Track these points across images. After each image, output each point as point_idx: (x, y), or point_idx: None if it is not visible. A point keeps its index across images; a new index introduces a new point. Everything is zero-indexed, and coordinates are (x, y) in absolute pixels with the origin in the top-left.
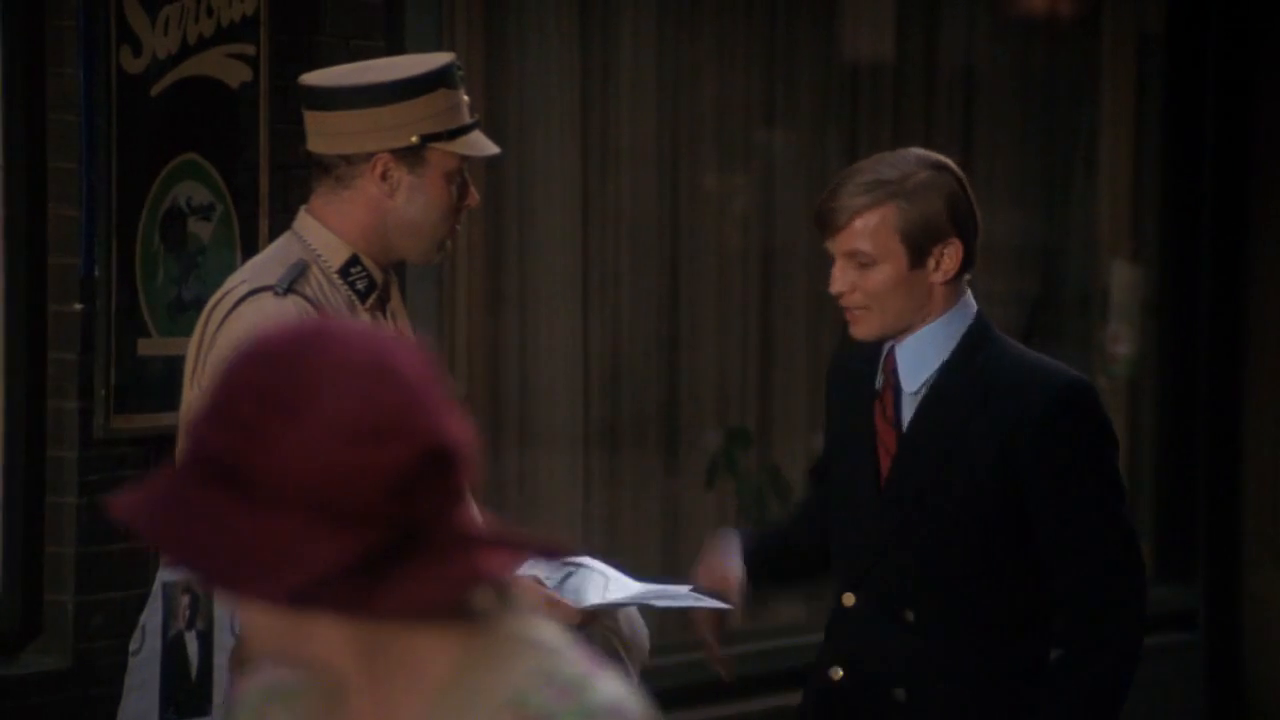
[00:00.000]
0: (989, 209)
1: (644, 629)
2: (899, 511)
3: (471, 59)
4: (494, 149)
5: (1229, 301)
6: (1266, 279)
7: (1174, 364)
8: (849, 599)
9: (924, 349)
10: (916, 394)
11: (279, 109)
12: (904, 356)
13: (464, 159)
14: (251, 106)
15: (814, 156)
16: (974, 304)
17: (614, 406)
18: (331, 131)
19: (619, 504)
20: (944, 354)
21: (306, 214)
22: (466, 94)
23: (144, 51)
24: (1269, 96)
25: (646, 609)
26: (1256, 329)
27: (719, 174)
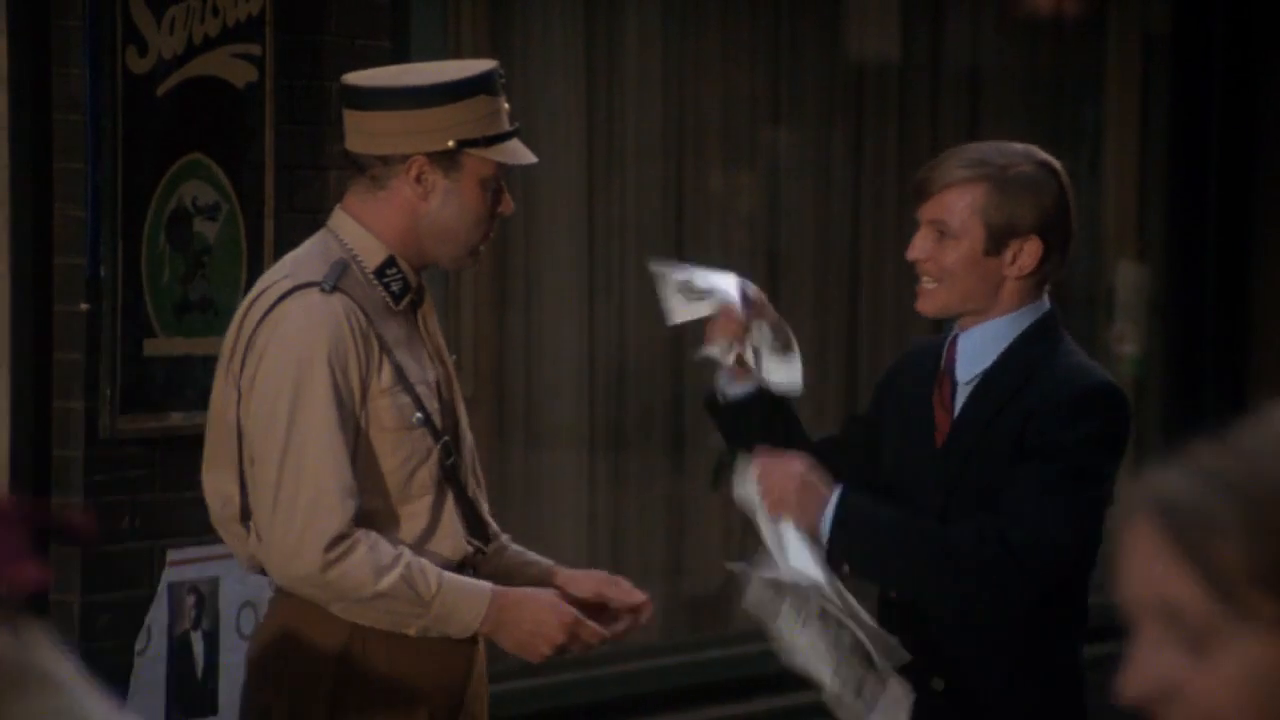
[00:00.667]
0: None
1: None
2: (939, 500)
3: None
4: (531, 158)
5: (1234, 300)
6: (1272, 278)
7: (1180, 363)
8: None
9: (985, 341)
10: (970, 384)
11: (285, 109)
12: (965, 346)
13: (500, 166)
14: (257, 106)
15: (819, 155)
16: (1048, 305)
17: (620, 406)
18: (369, 131)
19: (624, 504)
20: (1002, 347)
21: (342, 212)
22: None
23: (150, 52)
24: (1274, 95)
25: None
26: (1262, 328)
27: (724, 173)
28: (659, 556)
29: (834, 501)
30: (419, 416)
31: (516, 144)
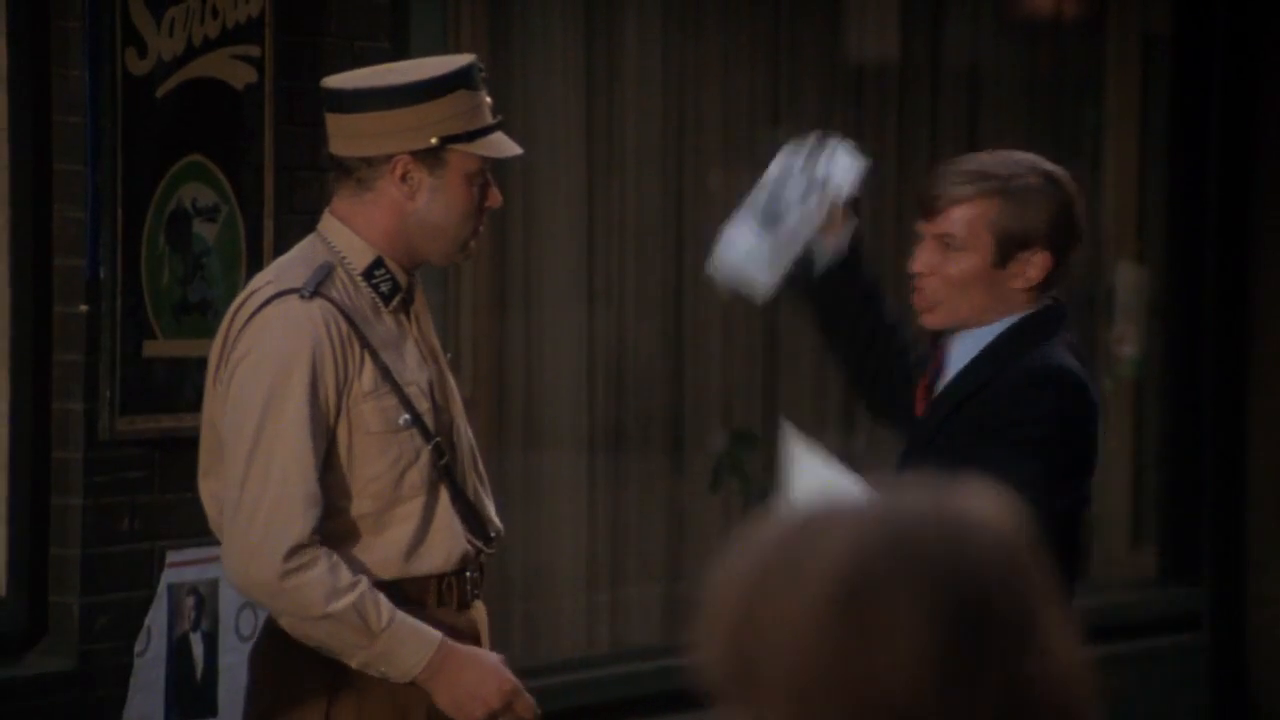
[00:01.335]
0: None
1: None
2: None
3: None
4: (515, 150)
5: (1234, 302)
6: (1271, 280)
7: (1179, 365)
8: None
9: (976, 343)
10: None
11: (284, 110)
12: (955, 346)
13: (485, 160)
14: (257, 108)
15: None
16: (1048, 303)
17: (619, 409)
18: (352, 133)
19: (624, 506)
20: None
21: (331, 216)
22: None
23: (149, 53)
24: (1274, 97)
25: None
26: (1262, 330)
27: (724, 175)
28: (658, 558)
29: None
30: (406, 418)
31: (500, 137)
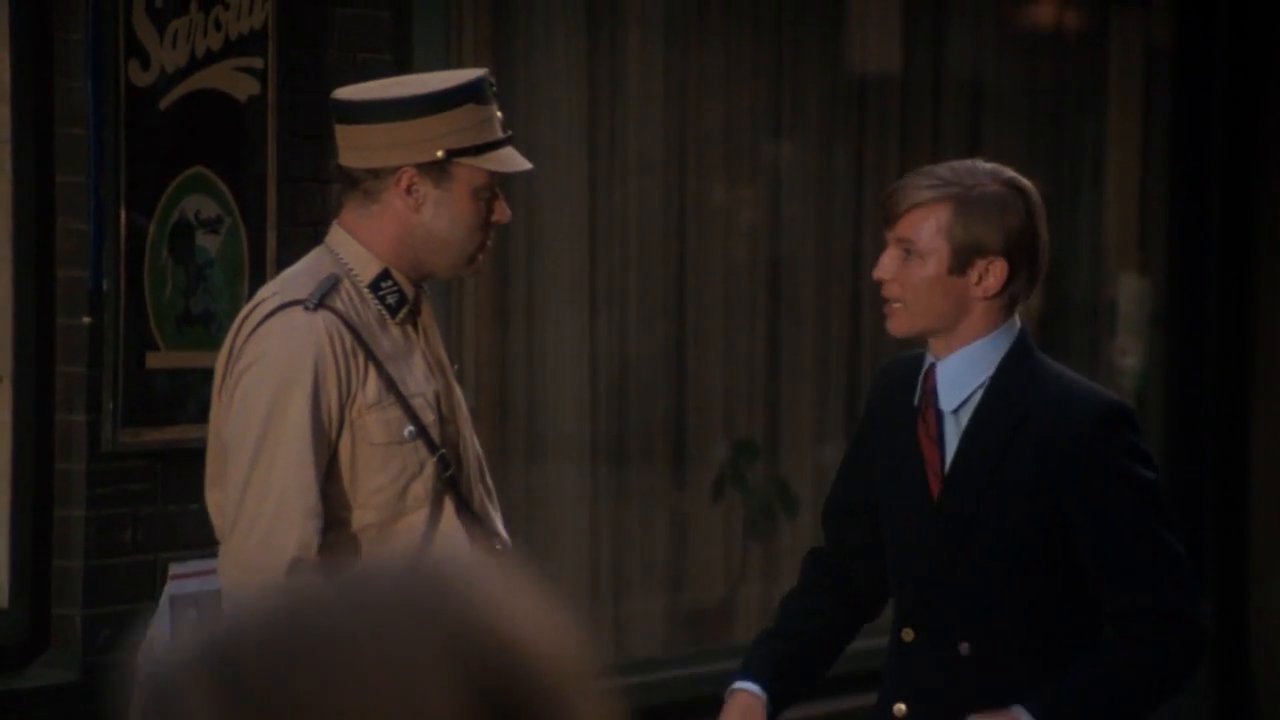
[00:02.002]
0: None
1: None
2: (949, 542)
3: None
4: (525, 165)
5: (1236, 314)
6: (1274, 291)
7: (1181, 376)
8: (908, 634)
9: (964, 368)
10: (957, 414)
11: (287, 122)
12: (943, 374)
13: (493, 175)
14: (259, 120)
15: (821, 169)
16: (1019, 325)
17: (621, 419)
18: (359, 145)
19: (626, 516)
20: (983, 375)
21: (338, 227)
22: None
23: (152, 65)
24: (1276, 109)
25: None
26: (1264, 341)
27: (726, 186)
28: (660, 569)
29: None
30: (411, 430)
31: (510, 151)
